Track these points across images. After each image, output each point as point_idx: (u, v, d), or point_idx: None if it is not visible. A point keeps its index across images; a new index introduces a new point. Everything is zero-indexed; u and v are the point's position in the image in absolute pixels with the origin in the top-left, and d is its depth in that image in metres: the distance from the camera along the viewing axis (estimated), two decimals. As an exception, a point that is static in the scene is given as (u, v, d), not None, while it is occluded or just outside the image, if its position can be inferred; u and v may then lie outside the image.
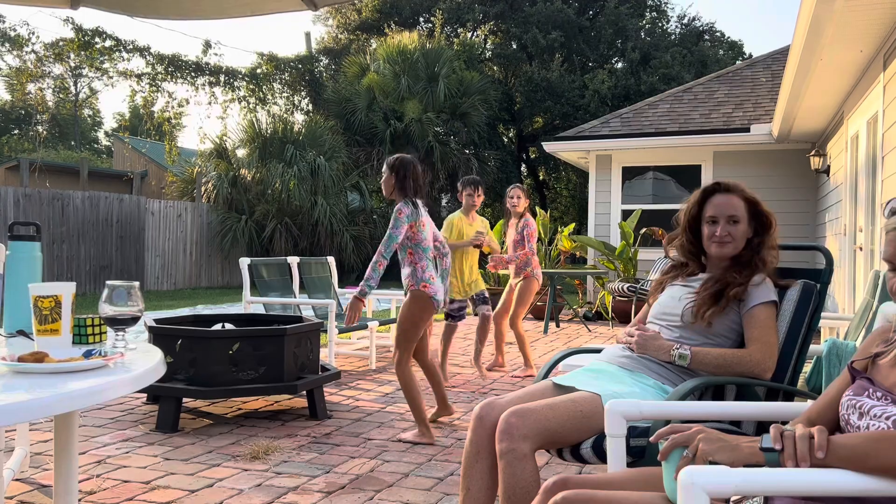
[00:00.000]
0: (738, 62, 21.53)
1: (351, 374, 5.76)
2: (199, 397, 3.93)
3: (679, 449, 1.31)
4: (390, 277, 18.77)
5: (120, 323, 1.77)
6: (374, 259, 3.72)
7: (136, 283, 1.78)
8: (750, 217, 2.27)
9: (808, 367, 3.06)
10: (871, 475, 1.17)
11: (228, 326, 4.63)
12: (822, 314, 2.24)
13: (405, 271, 3.84)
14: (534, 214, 13.63)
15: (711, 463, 1.27)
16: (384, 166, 3.93)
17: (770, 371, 2.12)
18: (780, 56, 11.93)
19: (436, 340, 7.13)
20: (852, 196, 6.72)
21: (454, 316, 5.52)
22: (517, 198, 5.89)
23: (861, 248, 6.07)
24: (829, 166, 8.45)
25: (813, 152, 8.82)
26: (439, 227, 20.45)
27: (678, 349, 2.18)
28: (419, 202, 3.88)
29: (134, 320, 1.77)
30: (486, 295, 5.62)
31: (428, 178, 17.59)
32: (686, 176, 10.59)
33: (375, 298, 8.59)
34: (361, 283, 3.70)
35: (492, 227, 10.87)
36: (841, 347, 2.86)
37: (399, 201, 3.84)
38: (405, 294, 3.86)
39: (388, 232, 3.74)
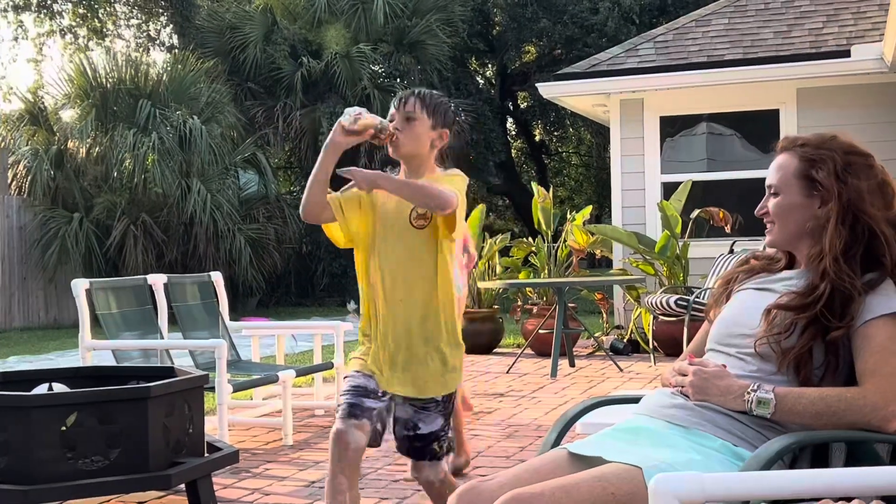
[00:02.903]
0: (827, -48, 21.91)
1: (255, 455, 5.72)
2: (15, 502, 3.86)
3: None
4: (312, 301, 18.69)
5: None
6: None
7: None
8: (822, 185, 2.28)
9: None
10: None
11: (59, 388, 4.56)
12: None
13: None
14: (530, 193, 13.73)
15: None
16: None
17: (895, 419, 2.15)
18: (891, -59, 12.18)
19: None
20: None
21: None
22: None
23: None
24: (969, 105, 8.65)
25: (945, 85, 9.02)
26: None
27: (755, 392, 2.20)
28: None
29: None
30: (448, 423, 3.25)
31: (364, 143, 17.56)
32: (757, 127, 10.73)
33: (290, 334, 8.53)
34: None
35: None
36: None
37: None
38: None
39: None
